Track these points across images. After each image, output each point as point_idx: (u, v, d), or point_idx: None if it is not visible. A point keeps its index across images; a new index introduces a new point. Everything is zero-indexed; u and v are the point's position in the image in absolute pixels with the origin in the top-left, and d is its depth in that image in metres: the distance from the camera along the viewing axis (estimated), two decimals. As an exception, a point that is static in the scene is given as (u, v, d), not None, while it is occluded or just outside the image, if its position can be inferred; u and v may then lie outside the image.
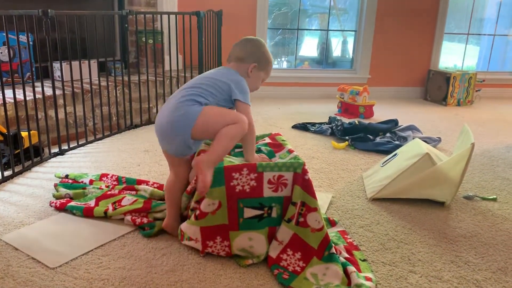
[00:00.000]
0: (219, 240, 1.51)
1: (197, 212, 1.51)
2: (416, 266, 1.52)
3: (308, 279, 1.41)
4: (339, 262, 1.46)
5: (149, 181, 2.10)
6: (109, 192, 1.92)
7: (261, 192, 1.49)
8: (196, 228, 1.52)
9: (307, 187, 1.51)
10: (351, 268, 1.43)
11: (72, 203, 1.85)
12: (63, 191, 1.97)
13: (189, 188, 1.64)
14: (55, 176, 2.20)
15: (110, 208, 1.79)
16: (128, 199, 1.84)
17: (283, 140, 1.77)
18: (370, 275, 1.43)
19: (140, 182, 2.08)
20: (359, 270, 1.45)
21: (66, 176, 2.16)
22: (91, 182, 2.08)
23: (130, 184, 2.05)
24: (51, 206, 1.86)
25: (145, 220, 1.71)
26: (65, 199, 1.91)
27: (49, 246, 1.57)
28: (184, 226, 1.57)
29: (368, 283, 1.36)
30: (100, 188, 1.99)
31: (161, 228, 1.67)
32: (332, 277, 1.41)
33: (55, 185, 2.06)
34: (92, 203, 1.85)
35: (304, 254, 1.50)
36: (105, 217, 1.77)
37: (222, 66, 1.70)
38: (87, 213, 1.78)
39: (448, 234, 1.76)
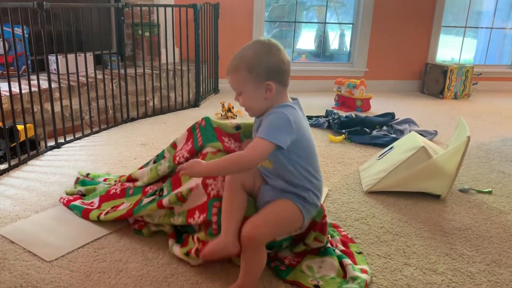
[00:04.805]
0: (221, 179, 1.47)
1: (200, 156, 1.57)
2: (411, 259, 1.53)
3: (304, 272, 1.42)
4: (334, 255, 1.47)
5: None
6: (112, 191, 1.83)
7: None
8: None
9: (323, 230, 1.47)
10: (347, 261, 1.44)
11: (76, 202, 1.80)
12: (79, 188, 1.93)
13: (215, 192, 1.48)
14: (78, 173, 2.15)
15: (103, 213, 1.71)
16: (125, 205, 1.74)
17: None
18: (365, 267, 1.44)
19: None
20: (354, 263, 1.46)
21: (87, 175, 2.11)
22: (105, 180, 2.01)
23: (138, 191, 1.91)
24: (60, 202, 1.83)
25: (136, 226, 1.65)
26: (74, 196, 1.87)
27: (45, 239, 1.57)
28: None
29: (363, 276, 1.37)
30: (109, 184, 1.92)
31: (152, 232, 1.61)
32: (328, 270, 1.42)
33: (76, 182, 2.03)
34: (96, 201, 1.80)
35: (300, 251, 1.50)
36: (98, 221, 1.69)
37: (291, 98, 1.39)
38: (85, 216, 1.72)
39: (443, 227, 1.77)
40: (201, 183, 1.50)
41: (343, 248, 1.54)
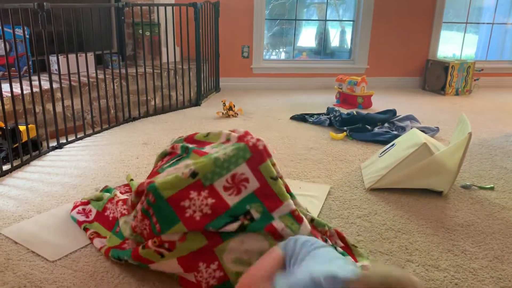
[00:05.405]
0: (204, 267, 1.29)
1: (166, 244, 1.29)
2: (414, 255, 1.54)
3: (306, 270, 1.42)
4: (336, 252, 1.46)
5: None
6: (107, 212, 1.72)
7: (224, 204, 1.30)
8: (172, 261, 1.30)
9: (262, 158, 1.33)
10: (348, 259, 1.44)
11: (74, 212, 1.74)
12: (95, 193, 1.87)
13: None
14: (126, 178, 2.10)
15: (89, 233, 1.62)
16: (104, 243, 1.60)
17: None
18: (367, 263, 1.44)
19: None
20: (355, 260, 1.46)
21: (131, 180, 2.02)
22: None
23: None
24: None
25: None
26: (82, 200, 1.82)
27: (49, 239, 1.58)
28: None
29: (365, 273, 1.37)
30: (115, 195, 1.83)
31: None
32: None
33: (101, 190, 1.95)
34: (93, 213, 1.72)
35: None
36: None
37: None
38: (79, 226, 1.68)
39: (445, 223, 1.77)
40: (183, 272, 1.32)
41: (342, 244, 1.54)
